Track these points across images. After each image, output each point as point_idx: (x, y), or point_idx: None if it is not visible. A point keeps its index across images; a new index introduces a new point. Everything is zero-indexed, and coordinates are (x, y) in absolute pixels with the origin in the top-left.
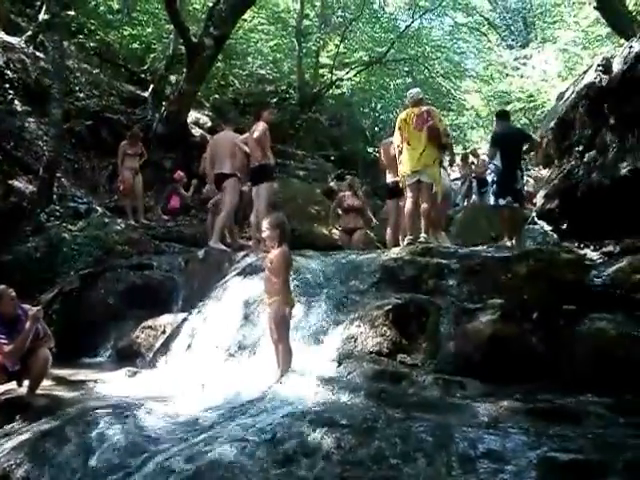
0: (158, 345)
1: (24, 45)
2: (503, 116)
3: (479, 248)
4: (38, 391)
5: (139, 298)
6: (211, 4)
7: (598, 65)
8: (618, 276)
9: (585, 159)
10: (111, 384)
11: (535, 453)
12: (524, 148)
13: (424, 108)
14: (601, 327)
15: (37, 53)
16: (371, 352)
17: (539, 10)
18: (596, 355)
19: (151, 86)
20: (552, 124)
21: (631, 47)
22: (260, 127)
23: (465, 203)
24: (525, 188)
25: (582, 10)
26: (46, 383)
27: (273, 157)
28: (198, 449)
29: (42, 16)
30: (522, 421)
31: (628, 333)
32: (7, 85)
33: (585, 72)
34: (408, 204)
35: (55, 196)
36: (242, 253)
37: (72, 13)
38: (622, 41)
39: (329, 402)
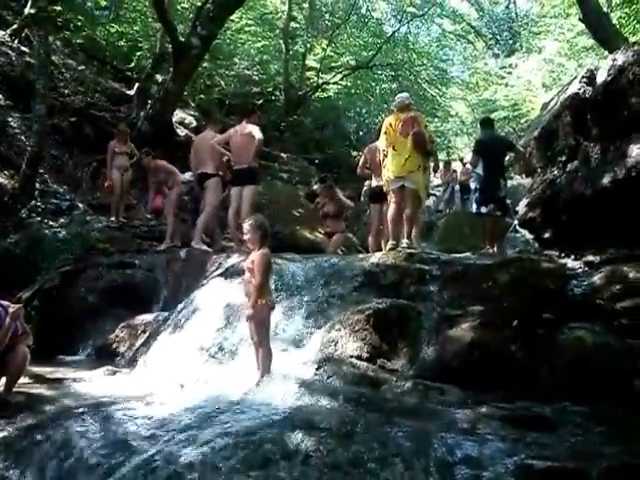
0: (138, 344)
1: (9, 39)
2: (487, 124)
3: (461, 255)
4: (15, 389)
5: (120, 297)
6: (199, 4)
7: (582, 76)
8: (598, 286)
9: (567, 169)
10: (90, 383)
11: (512, 460)
12: (507, 157)
13: (410, 114)
14: (580, 336)
15: (22, 47)
16: (351, 356)
17: (525, 20)
18: (574, 364)
19: (137, 84)
20: (536, 133)
21: (615, 59)
22: (257, 130)
23: (447, 210)
24: None
25: (567, 21)
26: (24, 381)
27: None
28: (176, 450)
29: (28, 10)
30: (500, 428)
31: (606, 343)
32: None
33: (569, 83)
34: (391, 209)
35: (37, 192)
36: (224, 254)
37: (58, 8)
38: (606, 53)
39: (308, 405)
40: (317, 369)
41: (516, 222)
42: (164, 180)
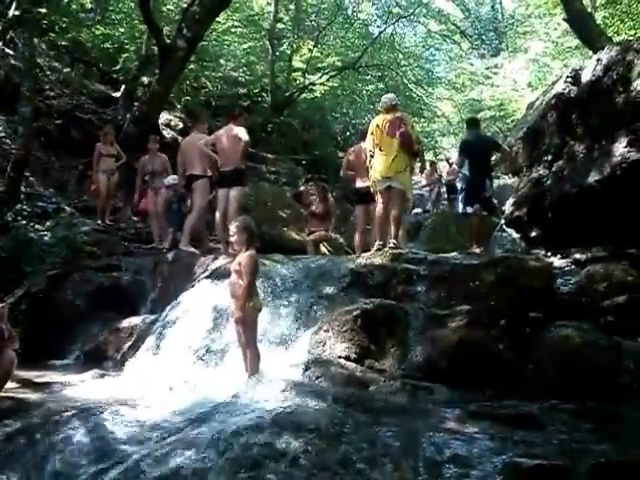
0: (126, 347)
1: None
2: (473, 124)
3: (448, 255)
4: (2, 393)
5: (107, 300)
6: (185, 5)
7: (567, 76)
8: (584, 284)
9: (553, 168)
10: (78, 387)
11: (500, 458)
12: (494, 157)
13: (397, 114)
14: (567, 334)
15: (7, 50)
16: (339, 357)
17: (510, 20)
18: (561, 362)
19: (123, 86)
20: (522, 133)
21: (599, 59)
22: (243, 131)
23: (434, 210)
24: None
25: (552, 21)
26: (11, 385)
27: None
28: (164, 453)
29: (12, 12)
30: (488, 427)
31: (593, 341)
32: None
33: (554, 83)
34: (378, 209)
35: (23, 195)
36: (211, 256)
37: (43, 10)
38: (591, 52)
39: (297, 407)
40: (305, 370)
41: (503, 221)
42: (155, 172)
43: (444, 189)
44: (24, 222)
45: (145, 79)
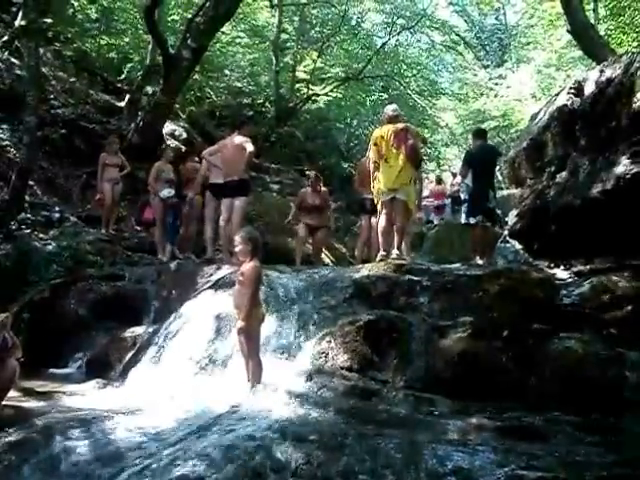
0: (128, 357)
1: None
2: (480, 135)
3: (451, 266)
4: (4, 402)
5: (110, 309)
6: (190, 16)
7: (570, 88)
8: (587, 296)
9: (557, 180)
10: (80, 396)
11: (503, 470)
12: (498, 167)
13: (401, 125)
14: (569, 346)
15: (12, 59)
16: (342, 368)
17: (514, 31)
18: (564, 374)
19: (127, 96)
20: (525, 144)
21: (602, 71)
22: (248, 142)
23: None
24: None
25: (556, 32)
26: (13, 394)
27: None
28: (166, 464)
29: (18, 22)
30: (491, 438)
31: (595, 352)
32: None
33: (558, 94)
34: (382, 220)
35: (27, 204)
36: (214, 266)
37: (49, 20)
38: (594, 64)
39: (299, 417)
40: (308, 381)
41: (506, 232)
42: (172, 180)
43: (448, 201)
44: (28, 231)
45: (149, 89)
